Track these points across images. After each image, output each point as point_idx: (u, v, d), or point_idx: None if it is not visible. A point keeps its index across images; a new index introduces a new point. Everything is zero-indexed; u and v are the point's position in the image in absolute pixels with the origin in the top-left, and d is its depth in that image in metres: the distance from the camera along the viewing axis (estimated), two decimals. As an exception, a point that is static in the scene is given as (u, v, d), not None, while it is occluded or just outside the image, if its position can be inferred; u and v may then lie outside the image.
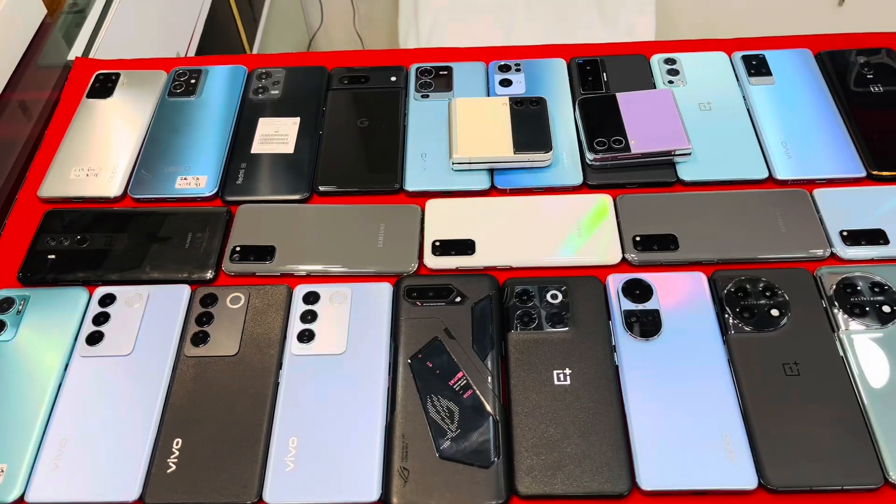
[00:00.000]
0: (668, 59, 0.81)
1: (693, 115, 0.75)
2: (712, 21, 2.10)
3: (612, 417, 0.56)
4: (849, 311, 0.60)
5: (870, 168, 0.70)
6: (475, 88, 0.80)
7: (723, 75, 0.79)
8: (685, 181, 0.71)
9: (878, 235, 0.65)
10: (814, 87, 0.77)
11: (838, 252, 0.65)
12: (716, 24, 2.09)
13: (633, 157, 0.71)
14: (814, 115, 0.75)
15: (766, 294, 0.62)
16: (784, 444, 0.54)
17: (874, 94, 0.76)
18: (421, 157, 0.74)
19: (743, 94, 0.77)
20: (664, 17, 2.06)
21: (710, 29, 2.09)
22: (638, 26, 1.75)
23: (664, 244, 0.66)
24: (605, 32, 1.74)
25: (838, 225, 0.66)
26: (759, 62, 0.80)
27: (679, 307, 0.62)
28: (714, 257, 0.65)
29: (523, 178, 0.72)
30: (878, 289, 0.61)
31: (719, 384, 0.57)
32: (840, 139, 0.72)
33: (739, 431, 0.55)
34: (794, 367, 0.58)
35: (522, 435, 0.56)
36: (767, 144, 0.72)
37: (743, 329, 0.60)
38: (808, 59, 0.80)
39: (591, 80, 0.79)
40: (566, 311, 0.62)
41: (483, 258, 0.66)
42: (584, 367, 0.59)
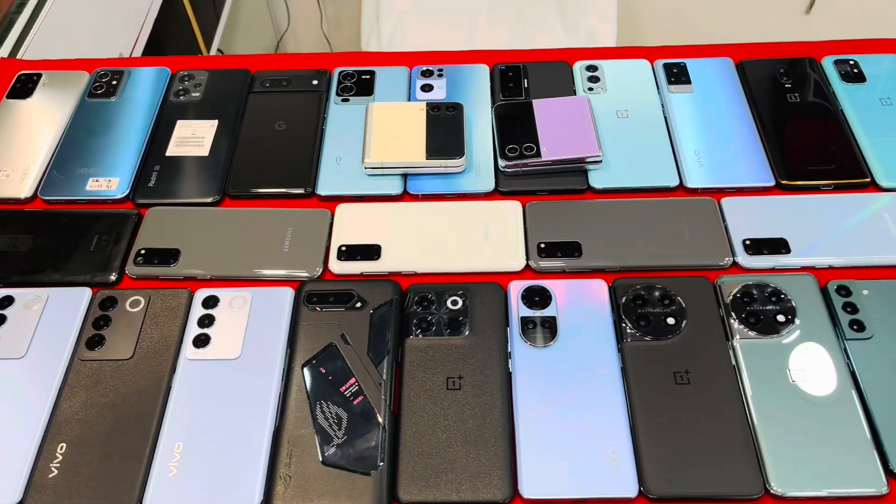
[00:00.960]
0: (590, 67, 0.81)
1: (610, 122, 0.76)
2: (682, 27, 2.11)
3: (499, 424, 0.56)
4: (744, 320, 0.60)
5: (779, 177, 0.70)
6: (397, 93, 0.80)
7: (643, 83, 0.79)
8: (596, 188, 0.71)
9: (781, 245, 0.65)
10: (732, 95, 0.77)
11: (740, 261, 0.65)
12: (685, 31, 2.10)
13: (544, 163, 0.71)
14: (729, 123, 0.75)
15: (663, 302, 0.62)
16: (667, 453, 0.54)
17: (790, 104, 0.76)
18: (335, 162, 0.74)
19: (662, 102, 0.77)
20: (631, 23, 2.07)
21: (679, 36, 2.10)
22: (599, 32, 1.75)
23: (568, 251, 0.66)
24: (567, 38, 1.75)
25: (742, 234, 0.66)
26: (679, 70, 0.80)
27: (577, 315, 0.62)
28: (616, 265, 0.65)
29: (436, 183, 0.72)
30: (774, 298, 0.61)
31: (609, 392, 0.57)
32: (753, 148, 0.73)
33: (625, 439, 0.55)
34: (685, 376, 0.58)
35: (409, 442, 0.56)
36: (680, 152, 0.73)
37: (638, 337, 0.60)
38: (729, 68, 0.80)
39: (512, 86, 0.79)
40: (465, 318, 0.62)
41: (388, 263, 0.66)
42: (477, 373, 0.59)
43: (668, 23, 2.06)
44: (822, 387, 0.57)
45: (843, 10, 2.02)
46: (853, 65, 0.79)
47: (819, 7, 2.03)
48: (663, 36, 2.08)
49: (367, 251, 0.66)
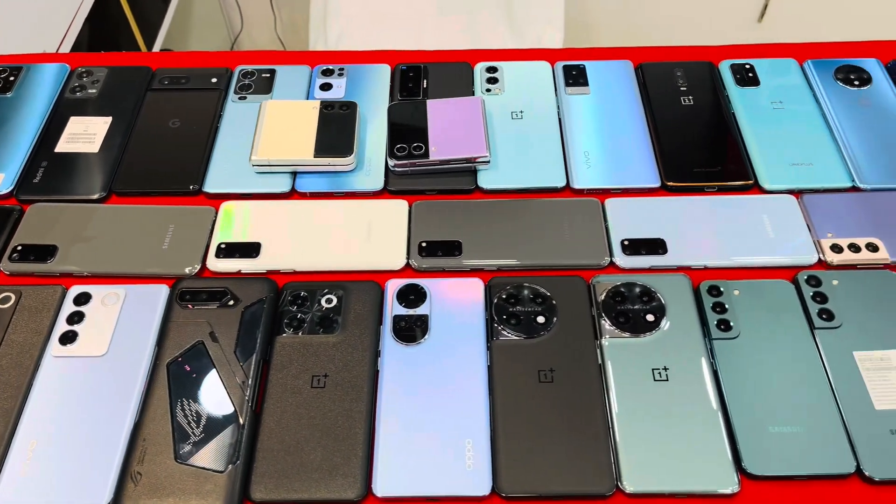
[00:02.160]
0: (490, 68, 0.81)
1: (504, 123, 0.76)
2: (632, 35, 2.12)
3: (359, 423, 0.56)
4: (613, 320, 0.61)
5: (664, 179, 0.71)
6: (296, 92, 0.80)
7: (542, 85, 0.80)
8: (485, 189, 0.71)
9: (658, 245, 0.66)
10: (628, 98, 0.78)
11: (617, 261, 0.65)
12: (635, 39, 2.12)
13: (432, 163, 0.71)
14: (622, 125, 0.75)
15: (536, 301, 0.62)
16: (524, 452, 0.54)
17: (683, 107, 0.77)
18: (226, 160, 0.73)
19: (558, 104, 0.78)
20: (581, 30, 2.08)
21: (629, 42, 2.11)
22: (546, 37, 1.76)
23: (448, 251, 0.66)
24: (514, 43, 1.75)
25: (623, 234, 0.66)
26: (578, 72, 0.80)
27: (451, 313, 0.62)
28: (495, 264, 0.65)
29: (324, 181, 0.71)
30: (646, 297, 0.62)
31: (474, 391, 0.57)
32: (643, 150, 0.73)
33: (483, 438, 0.55)
34: (550, 375, 0.58)
35: (268, 440, 0.55)
36: (571, 154, 0.73)
37: (507, 336, 0.60)
38: (628, 71, 0.81)
39: (412, 86, 0.79)
40: (338, 316, 0.61)
41: (267, 261, 0.65)
42: (343, 371, 0.58)
43: (618, 30, 2.08)
44: (684, 386, 0.57)
45: (795, 18, 2.04)
46: (749, 69, 0.80)
47: (771, 15, 2.05)
48: (612, 43, 2.10)
49: (246, 249, 0.66)
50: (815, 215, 0.67)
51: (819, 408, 0.56)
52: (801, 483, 0.53)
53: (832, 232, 0.66)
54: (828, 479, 0.53)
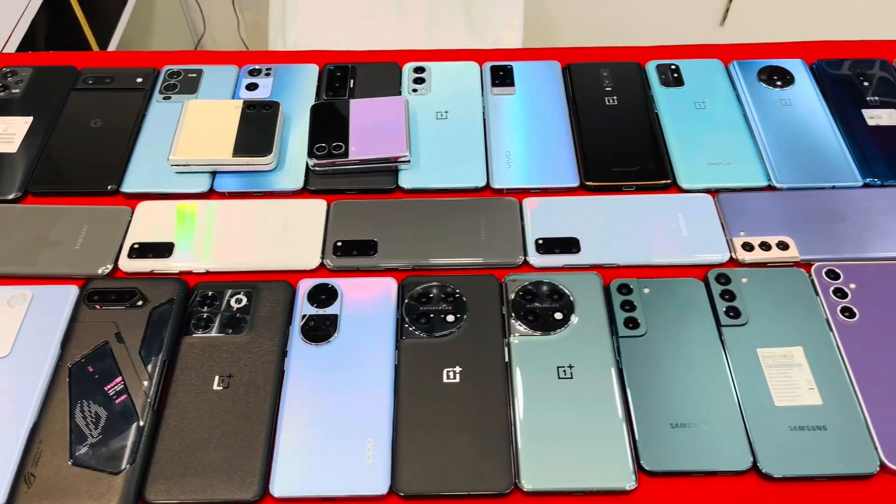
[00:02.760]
0: (418, 68, 0.81)
1: (429, 123, 0.76)
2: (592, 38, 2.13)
3: (262, 423, 0.55)
4: (522, 318, 0.61)
5: (583, 178, 0.71)
6: (222, 92, 0.79)
7: (469, 85, 0.80)
8: (405, 188, 0.71)
9: (572, 244, 0.66)
10: (553, 98, 0.78)
11: (531, 260, 0.65)
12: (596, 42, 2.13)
13: (352, 163, 0.70)
14: (545, 125, 0.75)
15: (447, 300, 0.62)
16: (425, 451, 0.54)
17: (607, 107, 0.77)
18: (146, 160, 0.73)
19: (483, 104, 0.78)
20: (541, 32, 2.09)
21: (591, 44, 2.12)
22: (505, 39, 1.77)
23: (364, 250, 0.66)
24: (473, 45, 1.76)
25: (538, 233, 0.67)
26: (505, 73, 0.80)
27: (362, 313, 0.62)
28: (410, 264, 0.65)
29: (244, 181, 0.71)
30: (556, 296, 0.62)
31: (378, 390, 0.57)
32: (565, 150, 0.73)
33: (384, 437, 0.55)
34: (455, 373, 0.58)
35: (168, 441, 0.55)
36: (492, 154, 0.73)
37: (416, 335, 0.60)
38: (556, 72, 0.81)
39: (338, 85, 0.79)
40: (247, 316, 0.61)
41: (180, 262, 0.65)
42: (248, 372, 0.58)
43: (578, 33, 2.09)
44: (587, 384, 0.57)
45: (757, 22, 2.05)
46: (674, 69, 0.80)
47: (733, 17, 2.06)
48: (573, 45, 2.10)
49: (159, 249, 0.65)
50: (730, 214, 0.68)
51: (720, 405, 0.56)
52: (698, 479, 0.53)
53: (745, 230, 0.66)
54: (725, 476, 0.53)
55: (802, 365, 0.58)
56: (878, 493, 0.53)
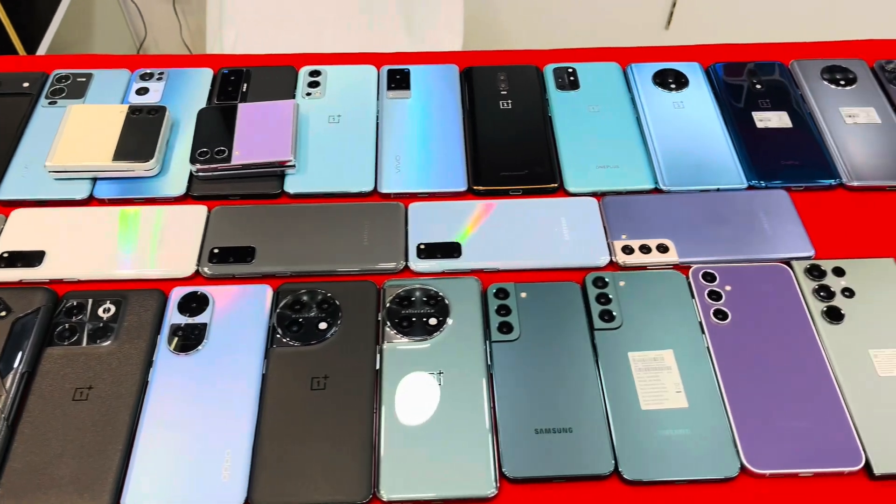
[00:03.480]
0: (313, 72, 0.80)
1: (321, 127, 0.75)
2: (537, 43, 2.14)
3: (117, 437, 0.54)
4: (396, 325, 0.60)
5: (472, 182, 0.70)
6: (111, 96, 0.78)
7: (365, 88, 0.79)
8: (290, 193, 0.70)
9: (454, 249, 0.65)
10: (448, 101, 0.78)
11: (412, 265, 0.64)
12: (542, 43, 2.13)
13: (235, 167, 0.69)
14: (438, 129, 0.75)
15: (322, 307, 0.61)
16: (284, 461, 0.53)
17: (501, 111, 0.77)
18: (25, 166, 0.71)
19: (377, 108, 0.77)
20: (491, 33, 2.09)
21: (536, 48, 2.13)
22: (445, 42, 1.76)
23: (241, 256, 0.64)
24: (412, 48, 1.75)
25: (420, 238, 0.66)
26: (401, 77, 0.80)
27: (233, 321, 0.60)
28: (288, 270, 0.64)
29: (125, 187, 0.70)
30: (433, 301, 0.61)
31: (243, 400, 0.56)
32: (455, 154, 0.73)
33: (244, 449, 0.53)
34: (323, 382, 0.57)
35: (21, 454, 0.53)
36: (382, 158, 0.72)
37: (287, 343, 0.59)
38: (453, 75, 0.81)
39: (231, 90, 0.78)
40: (114, 325, 0.59)
41: (50, 270, 0.63)
42: (109, 383, 0.57)
43: (524, 36, 2.10)
44: (457, 390, 0.56)
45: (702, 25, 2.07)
46: (571, 73, 0.80)
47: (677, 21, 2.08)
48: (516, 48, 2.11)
49: (28, 258, 0.64)
50: (613, 217, 0.68)
51: (587, 409, 0.56)
52: (560, 485, 0.53)
53: (627, 234, 0.66)
54: (586, 481, 0.53)
55: (672, 368, 0.58)
56: (739, 496, 0.53)
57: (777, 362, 0.58)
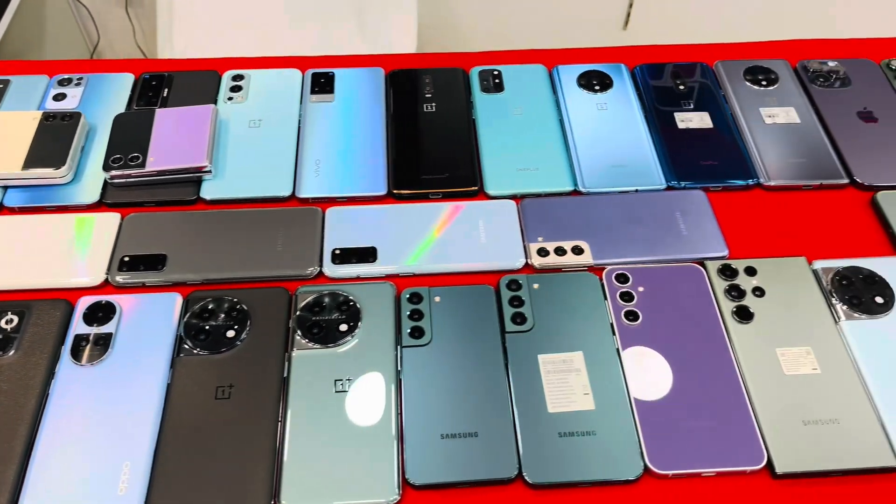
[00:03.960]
0: (236, 76, 0.79)
1: (241, 132, 0.74)
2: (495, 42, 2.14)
3: (13, 451, 0.53)
4: (306, 331, 0.59)
5: (392, 186, 0.70)
6: (27, 103, 0.76)
7: (288, 92, 0.78)
8: (206, 199, 0.69)
9: (369, 253, 0.65)
10: (372, 105, 0.77)
11: (326, 271, 0.64)
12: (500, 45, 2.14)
13: (149, 174, 0.68)
14: (360, 133, 0.74)
15: (230, 314, 0.60)
16: (183, 473, 0.52)
17: (425, 115, 0.76)
18: (-67, 174, 0.69)
19: (300, 112, 0.76)
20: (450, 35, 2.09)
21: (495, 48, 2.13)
22: (398, 45, 1.76)
23: (152, 264, 0.63)
24: (366, 51, 1.74)
25: (335, 243, 0.65)
26: (325, 80, 0.79)
27: (141, 330, 0.59)
28: (200, 278, 0.63)
29: (36, 195, 0.68)
30: (344, 307, 0.61)
31: (145, 411, 0.55)
32: (376, 158, 0.72)
33: (143, 461, 0.53)
34: (228, 391, 0.56)
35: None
36: (302, 162, 0.72)
37: (194, 352, 0.58)
38: (378, 79, 0.80)
39: (151, 94, 0.77)
40: (16, 336, 0.58)
41: (-46, 281, 0.62)
42: (8, 396, 0.55)
43: (480, 38, 2.10)
44: (362, 396, 0.56)
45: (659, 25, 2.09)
46: (496, 75, 0.80)
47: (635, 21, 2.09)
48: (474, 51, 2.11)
49: (-70, 269, 0.62)
50: (530, 220, 0.67)
51: (494, 413, 0.55)
52: (464, 490, 0.53)
53: (543, 236, 0.66)
54: (490, 485, 0.53)
55: (581, 370, 0.58)
56: (642, 497, 0.53)
57: (685, 363, 0.58)
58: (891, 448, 0.54)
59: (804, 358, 0.58)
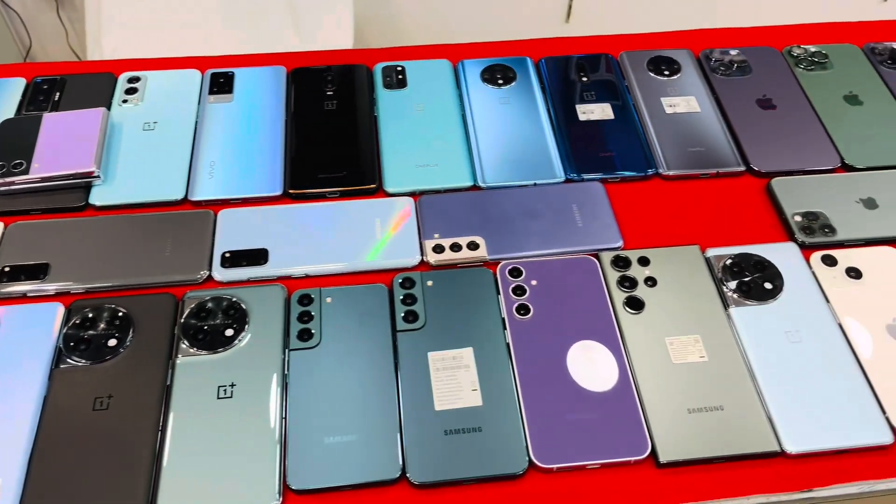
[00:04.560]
0: (132, 78, 0.77)
1: (135, 135, 0.72)
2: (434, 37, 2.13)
3: None
4: (191, 338, 0.58)
5: (288, 186, 0.69)
6: (-87, 110, 0.73)
7: (186, 93, 0.77)
8: (96, 205, 0.67)
9: (260, 256, 0.63)
10: (272, 104, 0.76)
11: (216, 275, 0.63)
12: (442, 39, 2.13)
13: (33, 181, 0.66)
14: (258, 133, 0.73)
15: (112, 323, 0.58)
16: (56, 487, 0.51)
17: (324, 112, 0.75)
18: None
19: (198, 113, 0.75)
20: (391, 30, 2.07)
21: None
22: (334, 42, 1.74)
23: (33, 274, 0.62)
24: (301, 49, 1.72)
25: (226, 246, 0.64)
26: (225, 80, 0.78)
27: (19, 342, 0.58)
28: (83, 286, 0.61)
29: (-85, 207, 0.66)
30: (232, 311, 0.59)
31: (19, 425, 0.53)
32: (273, 158, 0.71)
33: (15, 476, 0.51)
34: (106, 401, 0.55)
35: None
36: (197, 165, 0.70)
37: (72, 362, 0.56)
38: (280, 77, 0.79)
39: (42, 99, 0.75)
40: None
41: None
42: None
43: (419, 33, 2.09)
44: (247, 402, 0.55)
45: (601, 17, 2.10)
46: (399, 71, 0.79)
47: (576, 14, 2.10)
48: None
49: None
50: (427, 217, 0.67)
51: (380, 414, 0.55)
52: (347, 493, 0.52)
53: (440, 232, 0.66)
54: (375, 487, 0.52)
55: (470, 366, 0.57)
56: (527, 492, 0.52)
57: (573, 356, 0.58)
58: (773, 433, 0.54)
59: (692, 346, 0.59)
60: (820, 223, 0.67)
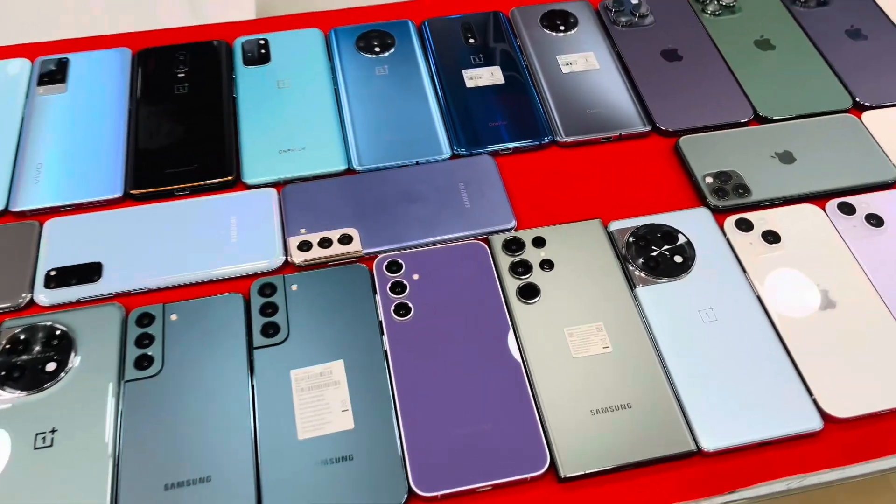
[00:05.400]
0: (-55, 72, 0.66)
1: (-53, 139, 0.61)
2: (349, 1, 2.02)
3: None
4: (4, 377, 0.48)
5: (129, 186, 0.59)
6: None
7: (12, 86, 0.66)
8: None
9: (93, 270, 0.54)
10: (113, 93, 0.66)
11: (38, 298, 0.53)
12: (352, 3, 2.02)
13: None
14: (96, 128, 0.63)
15: None
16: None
17: (175, 97, 0.66)
18: None
19: (24, 108, 0.64)
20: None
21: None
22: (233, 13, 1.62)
23: None
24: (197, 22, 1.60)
25: (53, 263, 0.54)
26: (57, 68, 0.67)
27: None
28: None
29: None
30: (54, 341, 0.50)
31: None
32: (113, 156, 0.62)
33: None
34: None
35: None
36: (21, 169, 0.60)
37: None
38: (124, 61, 0.69)
39: None
40: None
41: None
42: None
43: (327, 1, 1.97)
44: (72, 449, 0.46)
45: None
46: (262, 45, 0.70)
47: None
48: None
49: None
50: (292, 209, 0.58)
51: (231, 451, 0.46)
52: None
53: (307, 227, 0.57)
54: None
55: (340, 382, 0.49)
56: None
57: (461, 359, 0.50)
58: (688, 430, 0.48)
59: (595, 336, 0.51)
60: (733, 183, 0.60)
